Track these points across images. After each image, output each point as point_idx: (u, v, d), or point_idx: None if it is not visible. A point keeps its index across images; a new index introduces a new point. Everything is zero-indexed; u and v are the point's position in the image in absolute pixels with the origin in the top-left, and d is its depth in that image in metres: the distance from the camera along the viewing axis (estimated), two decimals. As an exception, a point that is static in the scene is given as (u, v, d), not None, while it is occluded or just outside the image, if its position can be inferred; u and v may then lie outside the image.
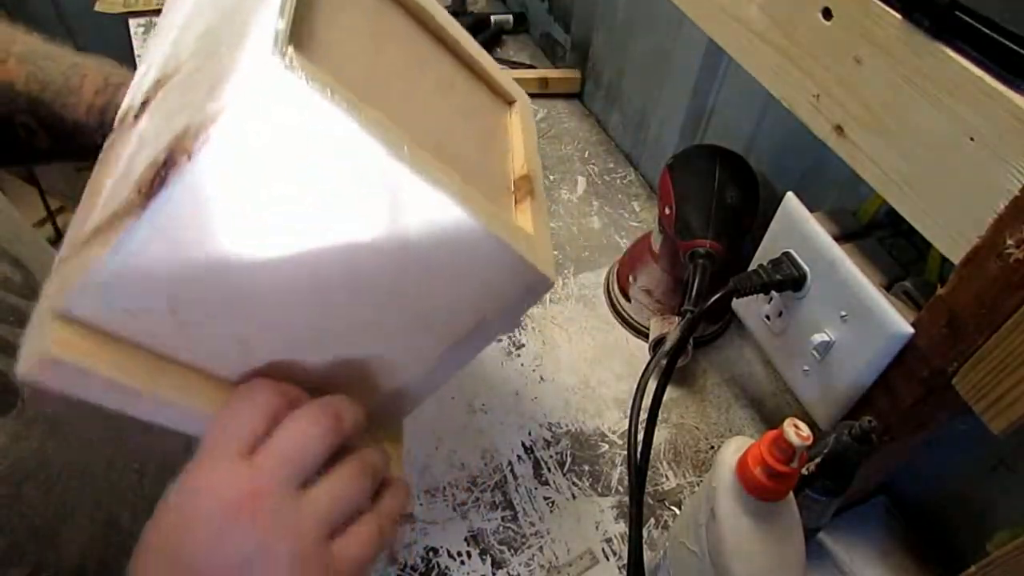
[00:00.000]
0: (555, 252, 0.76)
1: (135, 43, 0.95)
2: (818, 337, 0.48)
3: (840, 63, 0.41)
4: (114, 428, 0.47)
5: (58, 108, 0.48)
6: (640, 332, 0.69)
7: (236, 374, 0.33)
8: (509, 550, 0.53)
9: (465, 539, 0.53)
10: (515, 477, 0.57)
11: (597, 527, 0.55)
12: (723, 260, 0.57)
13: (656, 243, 0.66)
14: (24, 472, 0.39)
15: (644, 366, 0.50)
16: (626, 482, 0.57)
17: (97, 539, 0.44)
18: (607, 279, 0.74)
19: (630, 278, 0.69)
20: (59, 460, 0.41)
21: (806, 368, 0.51)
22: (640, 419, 0.48)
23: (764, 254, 0.53)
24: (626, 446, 0.54)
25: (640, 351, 0.68)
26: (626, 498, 0.56)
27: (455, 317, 0.35)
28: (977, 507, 0.53)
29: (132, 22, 0.98)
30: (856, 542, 0.55)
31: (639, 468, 0.48)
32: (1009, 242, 0.34)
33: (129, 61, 0.92)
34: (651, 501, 0.57)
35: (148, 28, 0.97)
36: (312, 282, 0.30)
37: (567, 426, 0.61)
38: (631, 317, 0.69)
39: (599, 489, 0.57)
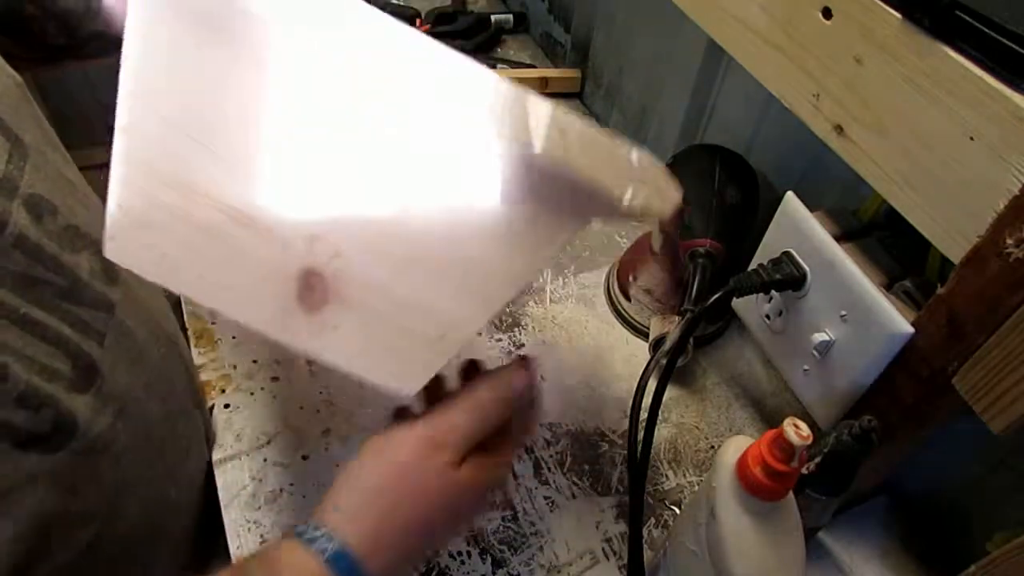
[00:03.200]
0: (555, 252, 0.76)
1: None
2: (818, 337, 0.48)
3: (840, 63, 0.41)
4: (168, 411, 0.50)
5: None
6: (640, 332, 0.69)
7: None
8: (509, 550, 0.53)
9: (465, 539, 0.53)
10: (515, 476, 0.57)
11: (597, 526, 0.55)
12: (723, 260, 0.57)
13: (656, 243, 0.66)
14: (99, 446, 0.42)
15: (644, 366, 0.50)
16: (626, 481, 0.57)
17: (150, 510, 0.47)
18: (607, 279, 0.74)
19: (630, 278, 0.69)
20: (125, 438, 0.44)
21: (806, 368, 0.51)
22: (640, 418, 0.48)
23: (764, 253, 0.53)
24: (626, 445, 0.54)
25: (640, 351, 0.68)
26: (626, 497, 0.56)
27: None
28: (977, 507, 0.53)
29: (132, 22, 0.98)
30: (856, 542, 0.55)
31: (639, 467, 0.48)
32: (1009, 241, 0.34)
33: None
34: (651, 501, 0.57)
35: (148, 28, 0.97)
36: None
37: (567, 425, 0.61)
38: (631, 317, 0.69)
39: (599, 489, 0.57)
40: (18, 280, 0.38)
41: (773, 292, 0.52)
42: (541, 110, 0.36)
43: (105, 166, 0.34)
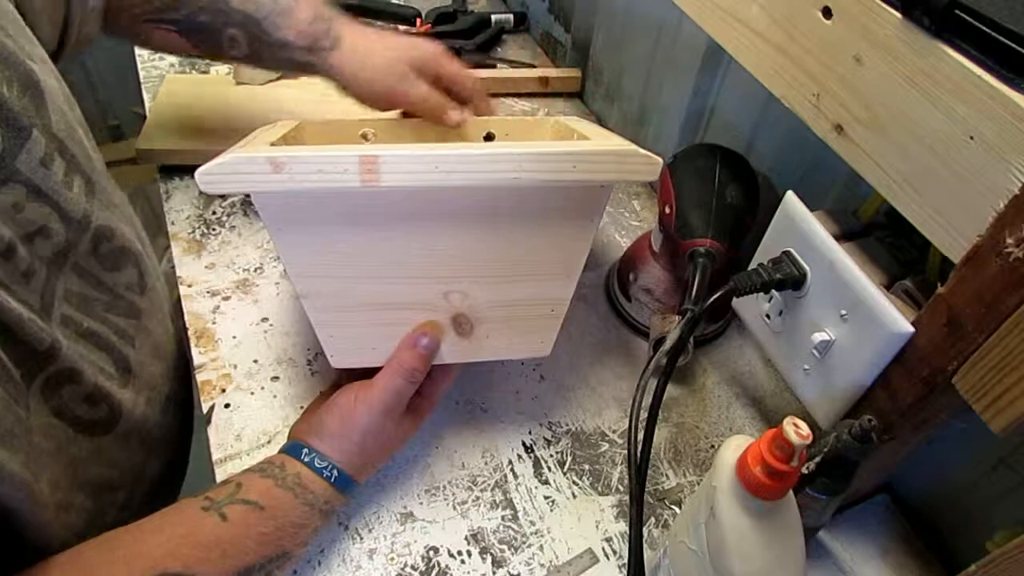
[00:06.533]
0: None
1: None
2: (818, 336, 0.48)
3: (840, 62, 0.41)
4: (176, 390, 0.60)
5: (268, 26, 0.59)
6: (640, 331, 0.69)
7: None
8: (509, 549, 0.53)
9: (465, 538, 0.53)
10: (515, 476, 0.57)
11: (597, 526, 0.55)
12: (723, 259, 0.57)
13: (656, 242, 0.66)
14: (135, 428, 0.52)
15: (644, 365, 0.50)
16: (626, 481, 0.57)
17: (165, 469, 0.59)
18: (607, 278, 0.74)
19: (630, 277, 0.69)
20: (151, 419, 0.54)
21: (806, 367, 0.51)
22: (640, 418, 0.48)
23: (764, 253, 0.53)
24: (626, 445, 0.54)
25: (640, 350, 0.68)
26: (626, 497, 0.56)
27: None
28: (977, 506, 0.53)
29: (133, 22, 0.98)
30: (856, 541, 0.55)
31: (639, 467, 0.48)
32: (1009, 241, 0.34)
33: (129, 60, 0.92)
34: (651, 500, 0.57)
35: (149, 28, 0.97)
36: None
37: (567, 425, 0.61)
38: (631, 316, 0.69)
39: (599, 488, 0.57)
40: (81, 299, 0.46)
41: (773, 292, 0.52)
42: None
43: (107, 166, 0.36)
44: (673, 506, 0.57)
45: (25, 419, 0.39)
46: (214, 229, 0.73)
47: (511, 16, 1.07)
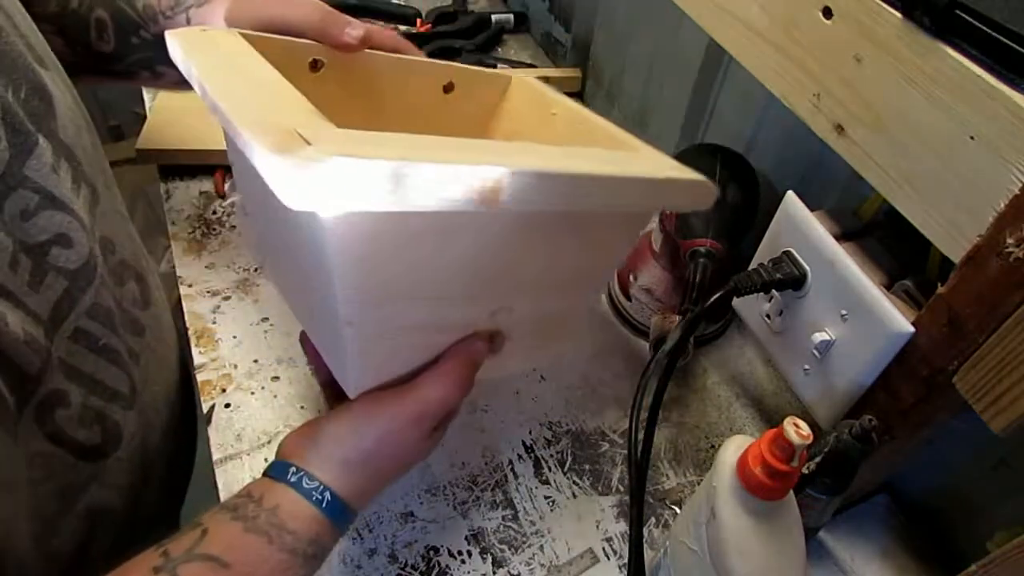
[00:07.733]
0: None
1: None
2: (819, 336, 0.48)
3: (840, 62, 0.41)
4: (173, 412, 0.58)
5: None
6: (641, 331, 0.69)
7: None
8: (510, 549, 0.53)
9: (466, 538, 0.53)
10: (516, 476, 0.57)
11: (598, 526, 0.55)
12: (723, 259, 0.57)
13: (656, 242, 0.66)
14: (133, 453, 0.50)
15: (645, 365, 0.50)
16: (627, 481, 0.57)
17: (162, 492, 0.57)
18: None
19: (631, 277, 0.69)
20: (148, 442, 0.52)
21: (807, 367, 0.51)
22: (641, 418, 0.48)
23: (764, 253, 0.53)
24: (627, 445, 0.54)
25: (641, 350, 0.68)
26: (627, 497, 0.56)
27: None
28: (977, 506, 0.53)
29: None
30: (857, 541, 0.55)
31: (640, 467, 0.48)
32: (1009, 241, 0.34)
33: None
34: (651, 500, 0.57)
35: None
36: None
37: (568, 425, 0.61)
38: (632, 316, 0.69)
39: (600, 488, 0.57)
40: (105, 314, 0.44)
41: (773, 292, 0.52)
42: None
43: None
44: (673, 506, 0.57)
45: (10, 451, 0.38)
46: (214, 229, 0.73)
47: (511, 16, 1.07)
